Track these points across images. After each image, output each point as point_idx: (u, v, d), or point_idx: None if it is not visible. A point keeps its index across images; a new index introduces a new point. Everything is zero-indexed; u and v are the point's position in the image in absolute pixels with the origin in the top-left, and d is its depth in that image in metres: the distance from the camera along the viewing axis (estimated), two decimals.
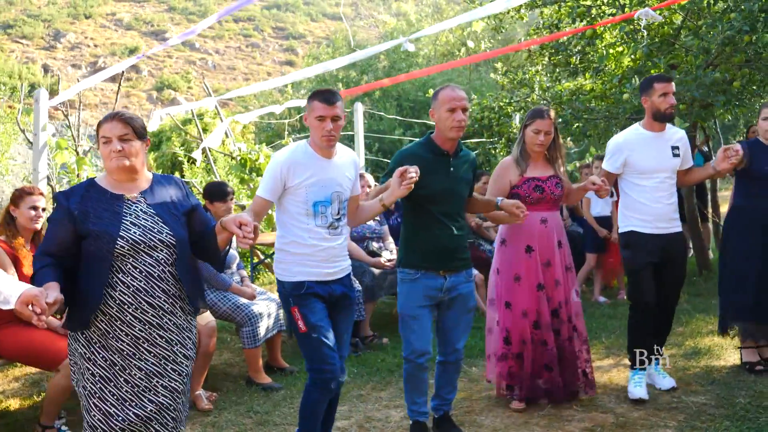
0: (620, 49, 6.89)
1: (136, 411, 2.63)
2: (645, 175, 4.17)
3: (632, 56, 6.48)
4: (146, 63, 37.86)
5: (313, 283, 3.25)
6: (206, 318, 4.59)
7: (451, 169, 3.56)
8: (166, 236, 2.69)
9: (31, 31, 39.30)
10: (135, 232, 2.63)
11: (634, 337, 4.31)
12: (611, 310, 6.55)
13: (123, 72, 7.00)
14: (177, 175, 8.61)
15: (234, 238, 3.96)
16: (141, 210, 2.70)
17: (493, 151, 9.65)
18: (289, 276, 3.27)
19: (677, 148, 4.22)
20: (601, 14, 6.78)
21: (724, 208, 9.72)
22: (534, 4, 6.91)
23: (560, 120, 6.60)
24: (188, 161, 8.83)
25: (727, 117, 8.55)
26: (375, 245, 5.95)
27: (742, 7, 5.42)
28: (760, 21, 5.47)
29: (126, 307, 2.61)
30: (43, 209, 4.19)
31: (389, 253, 5.83)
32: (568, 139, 8.11)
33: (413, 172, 3.12)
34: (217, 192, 4.99)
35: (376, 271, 5.77)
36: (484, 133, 8.34)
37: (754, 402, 3.94)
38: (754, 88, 6.75)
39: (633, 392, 4.17)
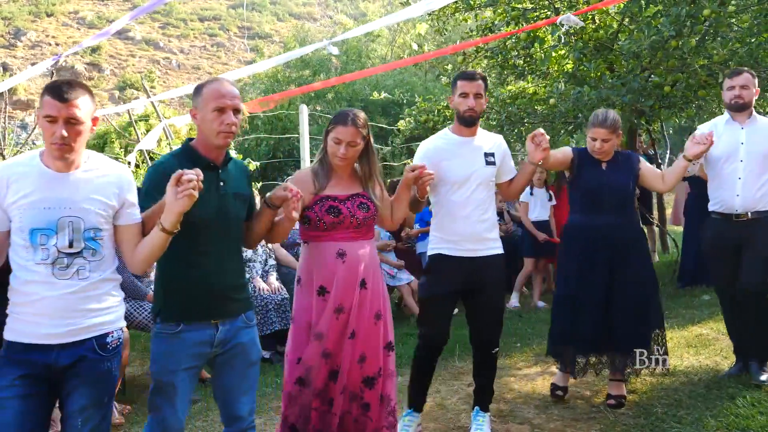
0: (562, 52, 6.88)
1: None
2: (455, 185, 3.60)
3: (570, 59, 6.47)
4: (108, 62, 37.19)
5: (24, 347, 2.38)
6: None
7: (221, 183, 2.72)
8: None
9: None
10: None
11: (413, 373, 3.80)
12: (548, 316, 6.47)
13: (53, 72, 6.82)
14: None
15: None
16: None
17: None
18: (5, 331, 2.46)
19: (491, 155, 3.67)
20: (537, 17, 6.76)
21: (669, 211, 9.83)
22: (469, 6, 6.85)
23: (494, 124, 6.56)
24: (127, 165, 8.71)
25: (675, 120, 8.59)
26: None
27: (670, 12, 5.40)
28: (687, 26, 5.46)
29: None
30: None
31: None
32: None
33: (192, 173, 2.34)
34: None
35: None
36: (428, 136, 8.24)
37: (671, 411, 3.91)
38: (695, 91, 6.74)
39: None
